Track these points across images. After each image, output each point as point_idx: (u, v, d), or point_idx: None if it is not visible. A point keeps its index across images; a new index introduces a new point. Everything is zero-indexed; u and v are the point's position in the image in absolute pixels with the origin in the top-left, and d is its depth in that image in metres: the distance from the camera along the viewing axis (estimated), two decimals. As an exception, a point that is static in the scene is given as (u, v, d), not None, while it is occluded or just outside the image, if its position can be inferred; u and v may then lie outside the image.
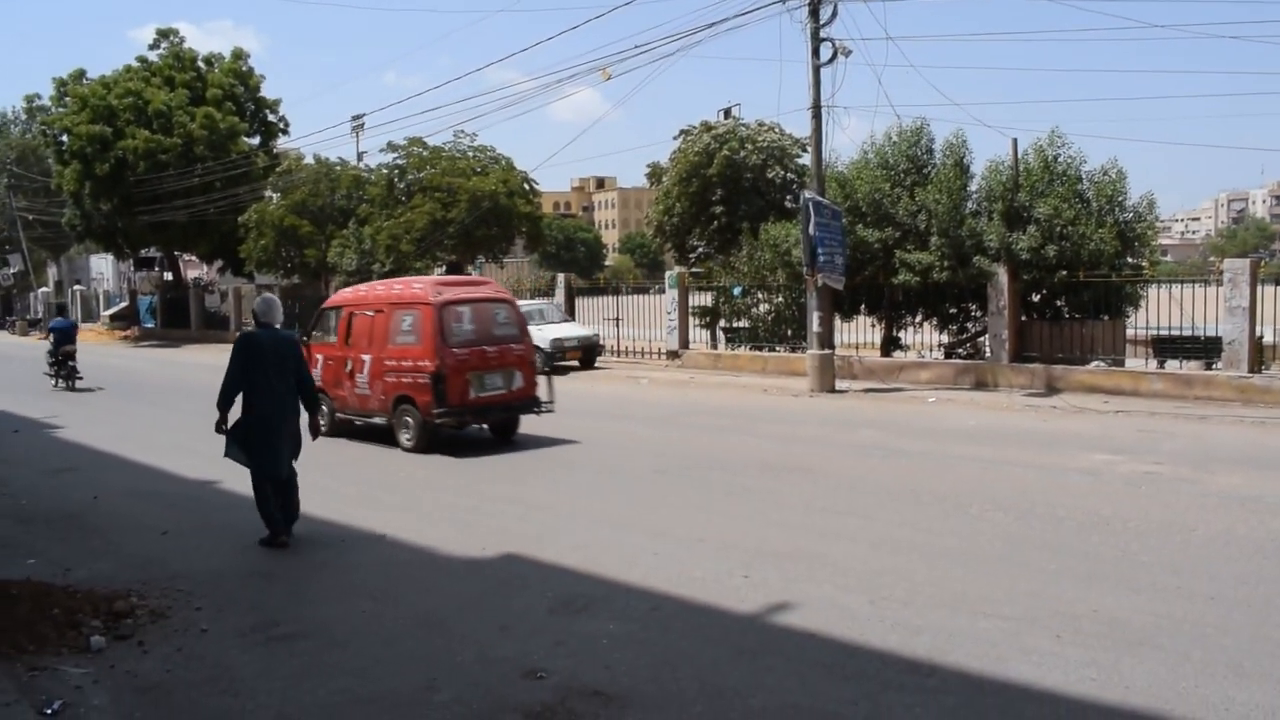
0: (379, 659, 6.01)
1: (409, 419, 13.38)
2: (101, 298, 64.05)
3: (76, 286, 64.90)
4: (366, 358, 14.06)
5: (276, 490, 8.88)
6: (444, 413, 13.00)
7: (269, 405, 8.73)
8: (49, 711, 5.28)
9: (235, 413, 8.73)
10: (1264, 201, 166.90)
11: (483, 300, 14.07)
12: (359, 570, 7.93)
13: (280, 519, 8.84)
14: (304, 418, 9.18)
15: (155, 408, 19.55)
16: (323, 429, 9.69)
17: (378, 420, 14.08)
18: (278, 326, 9.24)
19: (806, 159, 26.61)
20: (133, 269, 56.33)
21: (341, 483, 11.34)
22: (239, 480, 11.53)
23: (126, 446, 14.35)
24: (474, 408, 13.36)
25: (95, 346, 32.15)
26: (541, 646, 6.11)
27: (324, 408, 14.31)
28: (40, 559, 8.37)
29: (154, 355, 37.48)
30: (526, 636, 6.29)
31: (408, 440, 13.40)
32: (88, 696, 5.54)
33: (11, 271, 59.74)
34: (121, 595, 7.15)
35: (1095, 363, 17.97)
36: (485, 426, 14.21)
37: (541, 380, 14.48)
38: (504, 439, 14.16)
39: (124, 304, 54.80)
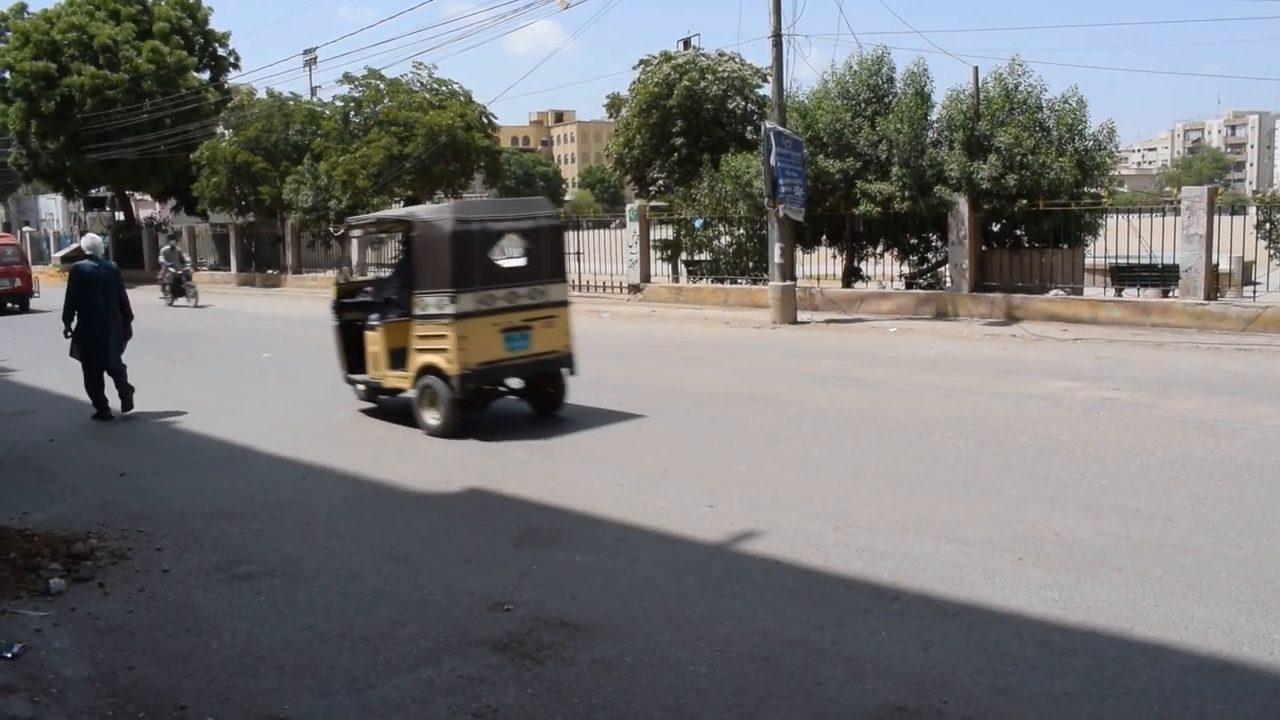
0: (344, 595, 5.98)
1: None
2: (52, 239, 62.61)
3: (26, 228, 63.49)
4: None
5: (112, 379, 11.83)
6: None
7: (96, 318, 11.65)
8: (9, 655, 5.21)
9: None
10: (1219, 131, 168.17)
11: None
12: (323, 507, 7.87)
13: (105, 399, 11.84)
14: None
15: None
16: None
17: None
18: (101, 258, 12.03)
19: (767, 89, 26.38)
20: (83, 209, 55.07)
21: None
22: (199, 419, 11.48)
23: (81, 388, 14.09)
24: None
25: (46, 289, 31.40)
26: (508, 579, 6.10)
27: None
28: (-5, 502, 8.24)
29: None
30: (492, 569, 6.28)
31: None
32: (49, 639, 5.47)
33: (-43, 213, 58.32)
34: (80, 537, 7.05)
35: (1054, 291, 18.08)
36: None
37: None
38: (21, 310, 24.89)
39: (75, 245, 53.67)
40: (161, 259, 29.56)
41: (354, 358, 11.39)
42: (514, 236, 10.65)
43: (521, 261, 10.67)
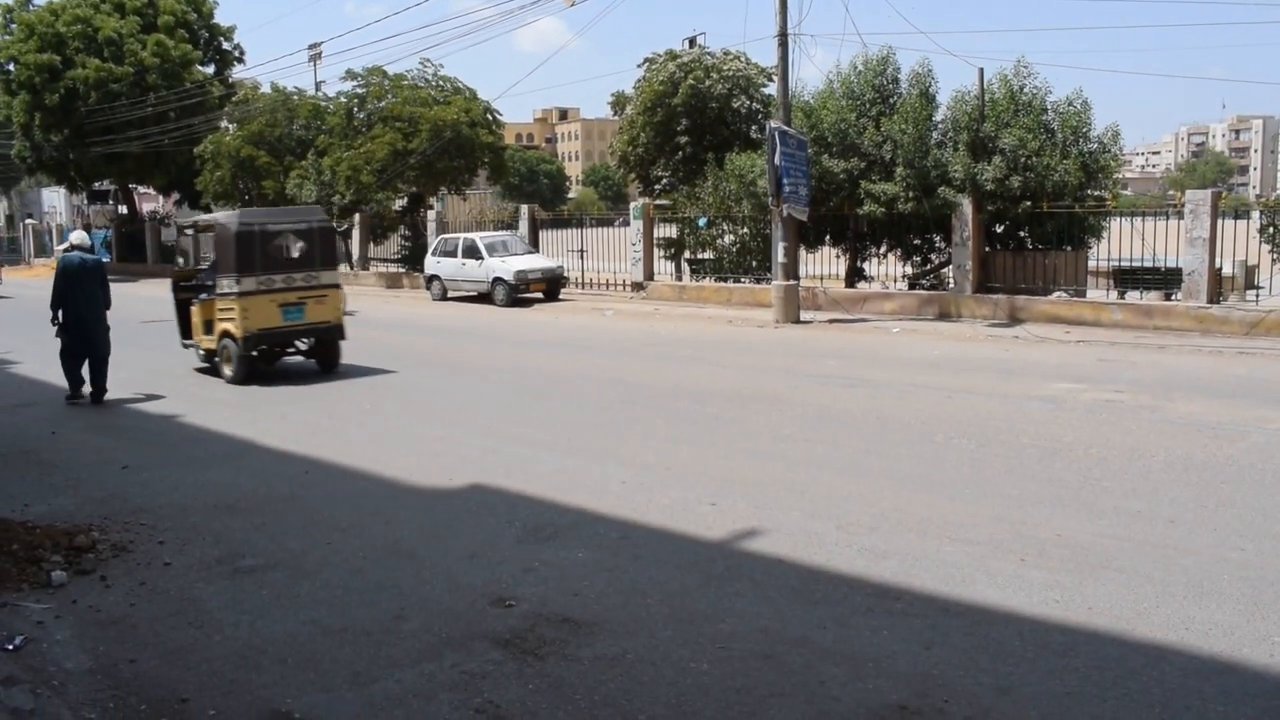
0: (347, 589, 5.98)
1: None
2: (54, 232, 62.62)
3: (28, 220, 63.47)
4: None
5: (91, 365, 12.50)
6: None
7: (82, 306, 12.44)
8: (11, 647, 5.21)
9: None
10: (1223, 135, 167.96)
11: None
12: (325, 502, 7.88)
13: (81, 380, 12.53)
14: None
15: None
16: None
17: None
18: (87, 251, 13.00)
19: (772, 89, 26.35)
20: (86, 202, 55.13)
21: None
22: (200, 413, 11.49)
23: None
24: None
25: (49, 281, 31.37)
26: (510, 574, 6.11)
27: None
28: (-2, 494, 8.25)
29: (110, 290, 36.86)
30: (495, 564, 6.29)
31: None
32: (50, 631, 5.48)
33: (-40, 205, 58.30)
34: (82, 530, 7.06)
35: (1057, 293, 18.08)
36: None
37: None
38: None
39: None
40: None
41: (185, 328, 14.97)
42: (291, 236, 13.86)
43: (297, 254, 13.84)
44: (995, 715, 4.32)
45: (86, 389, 12.66)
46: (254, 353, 13.65)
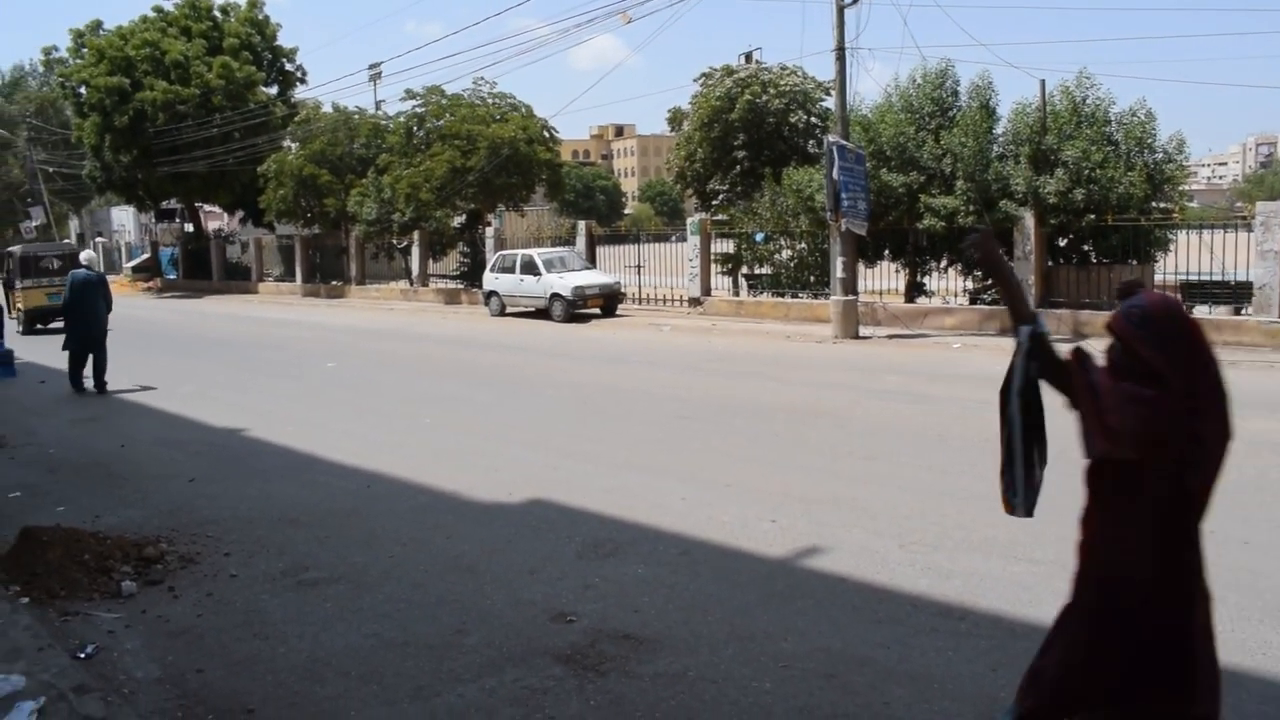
0: (409, 603, 6.02)
1: None
2: (123, 250, 64.18)
3: (98, 239, 65.07)
4: None
5: (94, 360, 15.13)
6: None
7: (87, 313, 15.16)
8: (83, 655, 5.31)
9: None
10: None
11: None
12: (387, 516, 7.94)
13: (83, 380, 15.22)
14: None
15: (179, 357, 19.64)
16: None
17: None
18: (94, 269, 16.06)
19: (829, 103, 26.32)
20: (154, 221, 56.27)
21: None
22: (265, 428, 11.66)
23: (151, 395, 14.43)
24: None
25: (118, 298, 31.96)
26: (570, 590, 6.10)
27: None
28: (70, 506, 8.43)
29: (176, 306, 37.66)
30: (555, 580, 6.29)
31: None
32: (120, 640, 5.57)
33: (34, 225, 59.72)
34: (151, 541, 7.18)
35: (1123, 308, 17.74)
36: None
37: None
38: None
39: (146, 256, 54.82)
40: None
41: (9, 305, 23.99)
42: (53, 258, 25.61)
43: (56, 267, 24.05)
44: (1066, 739, 4.22)
45: (89, 385, 15.16)
46: (35, 320, 25.10)
